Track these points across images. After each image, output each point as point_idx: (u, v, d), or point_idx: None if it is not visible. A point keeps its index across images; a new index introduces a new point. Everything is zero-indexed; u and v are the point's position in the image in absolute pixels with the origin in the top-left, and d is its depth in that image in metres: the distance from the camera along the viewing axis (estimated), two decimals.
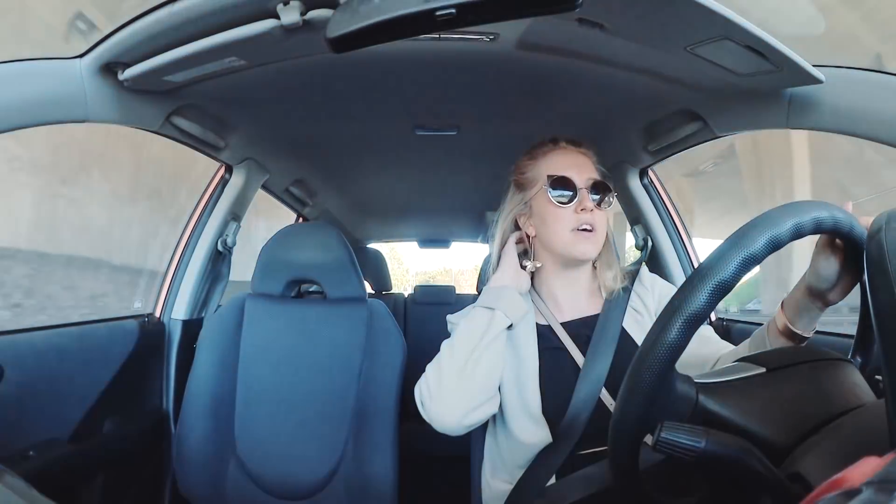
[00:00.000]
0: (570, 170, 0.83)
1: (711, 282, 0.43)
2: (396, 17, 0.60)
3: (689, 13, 0.70)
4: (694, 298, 0.43)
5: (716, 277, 0.43)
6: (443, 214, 2.62)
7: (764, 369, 0.48)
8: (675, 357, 0.44)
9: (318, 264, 1.26)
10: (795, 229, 0.45)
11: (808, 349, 0.53)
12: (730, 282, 0.43)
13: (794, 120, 0.87)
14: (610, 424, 0.48)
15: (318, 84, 1.14)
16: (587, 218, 0.80)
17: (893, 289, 0.37)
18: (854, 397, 0.46)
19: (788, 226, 0.44)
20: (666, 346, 0.43)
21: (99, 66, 0.86)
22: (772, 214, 0.45)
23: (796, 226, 0.45)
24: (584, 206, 0.80)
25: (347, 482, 1.11)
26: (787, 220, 0.45)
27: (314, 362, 1.20)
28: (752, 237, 0.44)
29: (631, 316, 0.84)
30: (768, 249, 0.44)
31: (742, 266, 0.43)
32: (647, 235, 1.46)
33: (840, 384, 0.47)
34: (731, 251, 0.43)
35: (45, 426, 0.97)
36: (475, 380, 0.72)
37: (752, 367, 0.49)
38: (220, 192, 1.42)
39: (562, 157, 0.86)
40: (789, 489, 0.40)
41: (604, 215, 0.83)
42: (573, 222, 0.81)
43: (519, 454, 0.78)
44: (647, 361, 0.44)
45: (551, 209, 0.82)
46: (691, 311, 0.43)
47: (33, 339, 0.98)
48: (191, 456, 1.12)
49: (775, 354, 0.52)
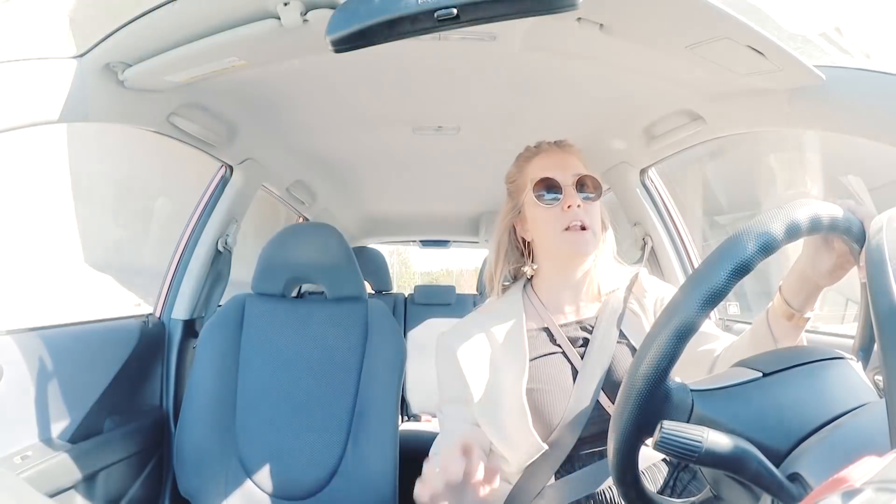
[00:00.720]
0: (554, 170, 0.83)
1: (703, 290, 0.42)
2: (396, 17, 0.60)
3: (688, 12, 0.70)
4: (686, 308, 0.43)
5: (707, 285, 0.42)
6: (442, 215, 2.62)
7: (760, 374, 0.48)
8: (669, 365, 0.43)
9: (318, 264, 1.26)
10: (788, 233, 0.44)
11: (805, 350, 0.53)
12: (723, 289, 0.43)
13: (795, 119, 0.87)
14: (609, 432, 0.48)
15: (318, 84, 1.14)
16: (576, 214, 0.80)
17: (894, 289, 0.37)
18: (853, 398, 0.45)
19: (781, 229, 0.44)
20: (660, 357, 0.43)
21: (99, 66, 0.86)
22: (763, 219, 0.45)
23: (789, 229, 0.44)
24: (571, 203, 0.80)
25: (347, 482, 1.11)
26: (778, 224, 0.44)
27: (314, 362, 1.20)
28: (743, 243, 0.43)
29: (629, 318, 0.83)
30: (762, 255, 0.43)
31: (735, 273, 0.43)
32: (646, 235, 1.46)
33: (838, 385, 0.47)
34: (724, 258, 0.43)
35: (45, 426, 0.97)
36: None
37: (748, 371, 0.49)
38: (220, 192, 1.42)
39: (545, 160, 0.86)
40: (789, 489, 0.40)
41: (595, 210, 0.83)
42: (562, 222, 0.80)
43: (514, 463, 0.78)
44: (641, 370, 0.44)
45: (539, 212, 0.83)
46: (684, 321, 0.42)
47: (33, 339, 0.98)
48: (191, 456, 1.12)
49: (771, 357, 0.51)
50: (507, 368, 0.79)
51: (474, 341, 0.83)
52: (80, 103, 0.86)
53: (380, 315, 1.23)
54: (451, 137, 1.44)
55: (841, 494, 0.25)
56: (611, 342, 0.80)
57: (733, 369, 0.51)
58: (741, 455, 0.41)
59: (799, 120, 0.87)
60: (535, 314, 0.86)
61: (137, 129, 1.07)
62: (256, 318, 1.23)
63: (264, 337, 1.21)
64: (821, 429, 0.43)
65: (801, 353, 0.50)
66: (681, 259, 1.41)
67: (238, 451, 1.14)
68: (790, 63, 0.76)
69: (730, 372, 0.50)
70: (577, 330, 0.84)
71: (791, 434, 0.43)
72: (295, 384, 1.18)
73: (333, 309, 1.25)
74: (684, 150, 1.25)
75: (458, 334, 0.86)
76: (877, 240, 0.40)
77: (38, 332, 1.00)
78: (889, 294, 0.37)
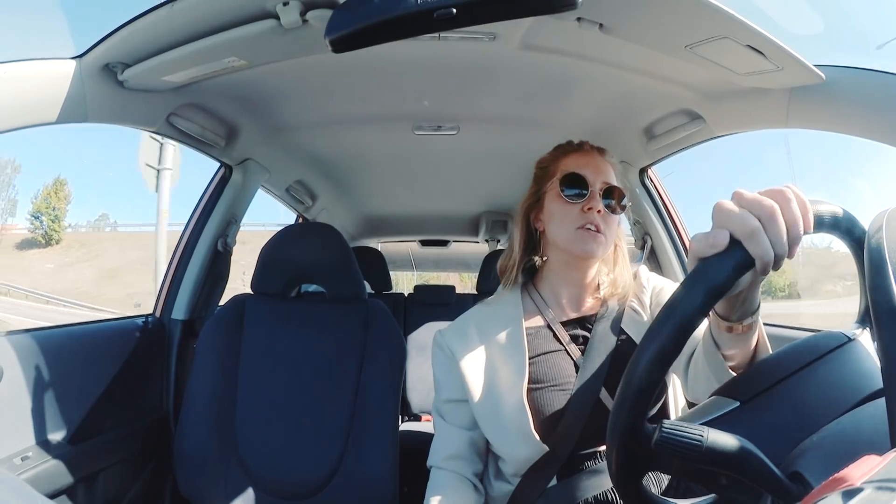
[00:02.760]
0: (587, 169, 0.83)
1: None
2: (395, 16, 0.60)
3: (688, 12, 0.70)
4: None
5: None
6: (442, 215, 2.62)
7: (738, 403, 0.47)
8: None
9: (317, 264, 1.26)
10: (722, 287, 0.43)
11: (780, 364, 0.50)
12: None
13: (795, 119, 0.87)
14: (608, 431, 0.48)
15: (317, 84, 1.14)
16: (594, 218, 0.80)
17: (893, 289, 0.37)
18: (837, 402, 0.45)
19: (714, 285, 0.43)
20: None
21: (98, 67, 0.86)
22: (691, 278, 0.44)
23: (720, 284, 0.43)
24: (592, 206, 0.80)
25: (347, 482, 1.11)
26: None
27: (314, 362, 1.20)
28: (684, 306, 0.42)
29: (629, 315, 0.83)
30: (706, 310, 0.42)
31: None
32: (646, 234, 1.46)
33: (819, 393, 0.46)
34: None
35: (45, 426, 0.97)
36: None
37: (726, 401, 0.48)
38: (219, 192, 1.42)
39: (581, 158, 0.86)
40: (790, 488, 0.40)
41: (613, 222, 0.83)
42: (579, 220, 0.80)
43: (515, 464, 0.78)
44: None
45: (560, 205, 0.82)
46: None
47: (33, 340, 0.98)
48: (191, 456, 1.12)
49: (746, 383, 0.50)
50: (506, 368, 0.79)
51: (472, 340, 0.83)
52: (80, 104, 0.86)
53: (380, 315, 1.23)
54: (451, 137, 1.44)
55: (841, 493, 0.25)
56: (611, 339, 0.80)
57: (711, 401, 0.49)
58: (742, 454, 0.41)
59: (799, 120, 0.87)
60: (535, 312, 0.86)
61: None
62: (256, 318, 1.23)
63: (264, 337, 1.21)
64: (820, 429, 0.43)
65: (776, 370, 0.49)
66: (681, 258, 1.42)
67: (238, 452, 1.14)
68: (790, 63, 0.76)
69: (707, 404, 0.49)
70: (577, 327, 0.84)
71: (778, 457, 0.43)
72: (295, 384, 1.18)
73: (333, 309, 1.25)
74: (684, 150, 1.26)
75: (455, 333, 0.85)
76: (876, 239, 0.40)
77: (39, 333, 1.00)
78: (888, 294, 0.37)
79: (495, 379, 0.79)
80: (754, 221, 0.41)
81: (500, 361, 0.80)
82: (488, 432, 0.79)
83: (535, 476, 0.76)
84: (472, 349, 0.82)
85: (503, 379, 0.79)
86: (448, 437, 0.83)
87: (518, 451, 0.76)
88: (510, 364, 0.79)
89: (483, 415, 0.79)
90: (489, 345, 0.82)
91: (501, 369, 0.80)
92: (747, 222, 0.41)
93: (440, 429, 0.85)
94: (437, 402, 0.86)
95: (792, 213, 0.41)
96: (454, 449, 0.82)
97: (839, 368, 0.48)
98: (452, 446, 0.82)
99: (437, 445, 0.84)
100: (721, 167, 70.28)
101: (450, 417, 0.84)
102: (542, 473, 0.76)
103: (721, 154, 63.32)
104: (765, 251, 0.41)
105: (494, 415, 0.78)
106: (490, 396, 0.79)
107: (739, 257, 0.41)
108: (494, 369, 0.80)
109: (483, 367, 0.81)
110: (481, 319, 0.86)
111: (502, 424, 0.77)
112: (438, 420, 0.86)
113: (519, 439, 0.76)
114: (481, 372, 0.80)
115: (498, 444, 0.79)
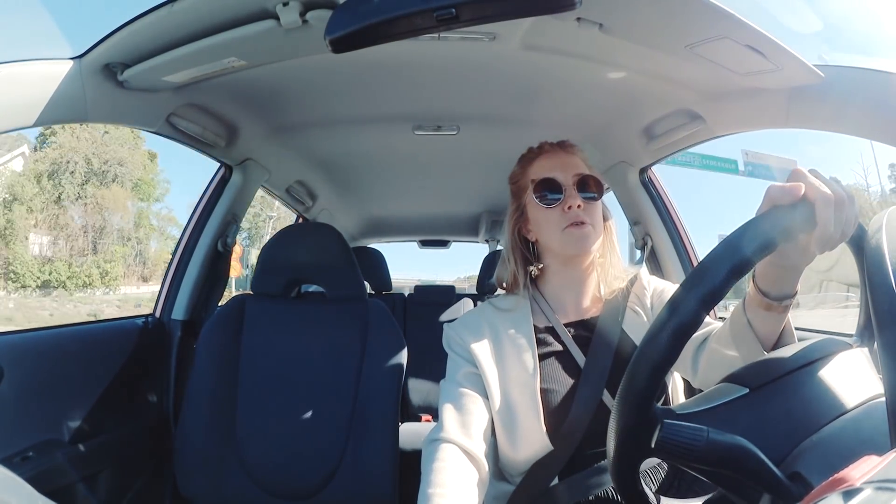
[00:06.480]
0: (555, 171, 0.83)
1: (701, 291, 0.42)
2: (395, 16, 0.60)
3: (688, 12, 0.70)
4: (684, 308, 0.42)
5: (705, 287, 0.42)
6: (442, 215, 2.62)
7: (747, 390, 0.47)
8: (669, 363, 0.43)
9: (317, 264, 1.25)
10: (785, 232, 0.44)
11: (790, 358, 0.51)
12: (720, 290, 0.42)
13: (794, 119, 0.87)
14: (608, 431, 0.48)
15: (317, 84, 1.14)
16: (577, 215, 0.80)
17: (893, 288, 0.37)
18: (844, 400, 0.45)
19: (780, 228, 0.44)
20: (658, 354, 0.43)
21: (98, 67, 0.86)
22: (759, 219, 0.44)
23: (785, 228, 0.44)
24: (571, 204, 0.80)
25: (347, 482, 1.11)
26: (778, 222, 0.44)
27: (314, 362, 1.20)
28: (742, 243, 0.43)
29: (630, 317, 0.84)
30: (760, 254, 0.43)
31: (733, 273, 0.42)
32: (646, 235, 1.46)
33: (826, 389, 0.46)
34: (722, 258, 0.43)
35: (45, 426, 0.97)
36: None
37: (735, 388, 0.48)
38: (219, 192, 1.42)
39: (546, 160, 0.86)
40: (789, 488, 0.40)
41: (597, 209, 0.83)
42: (563, 220, 0.81)
43: (520, 463, 0.78)
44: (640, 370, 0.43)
45: (541, 212, 0.83)
46: (682, 320, 0.42)
47: (33, 340, 0.98)
48: (191, 456, 1.12)
49: (757, 370, 0.50)
50: (516, 366, 0.80)
51: (483, 334, 0.83)
52: (80, 104, 0.86)
53: (380, 315, 1.23)
54: (451, 137, 1.44)
55: (841, 493, 0.25)
56: (613, 341, 0.80)
57: (720, 386, 0.50)
58: (741, 453, 0.41)
59: (798, 119, 0.87)
60: (539, 313, 0.86)
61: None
62: (256, 318, 1.23)
63: (264, 337, 1.21)
64: (821, 429, 0.43)
65: (787, 361, 0.49)
66: (681, 258, 1.41)
67: (238, 451, 1.14)
68: (790, 63, 0.76)
69: (717, 390, 0.49)
70: (580, 329, 0.84)
71: (783, 448, 0.43)
72: (295, 384, 1.18)
73: (333, 309, 1.25)
74: (684, 150, 1.26)
75: (466, 327, 0.85)
76: (876, 239, 0.40)
77: (39, 333, 1.01)
78: (888, 293, 0.37)
79: (506, 376, 0.80)
80: (830, 193, 0.44)
81: (509, 360, 0.81)
82: (500, 426, 0.78)
83: (537, 475, 0.77)
84: (483, 342, 0.82)
85: (515, 377, 0.79)
86: (466, 405, 0.77)
87: (525, 448, 0.76)
88: (520, 363, 0.80)
89: (497, 407, 0.78)
90: (501, 343, 0.82)
91: (511, 368, 0.80)
92: (826, 190, 0.44)
93: (454, 398, 0.78)
94: (452, 377, 0.81)
95: (854, 210, 0.45)
96: (470, 416, 0.76)
97: (846, 370, 0.48)
98: (469, 414, 0.76)
99: (448, 416, 0.77)
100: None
101: (470, 386, 0.79)
102: (544, 472, 0.76)
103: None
104: (829, 220, 0.43)
105: (507, 409, 0.78)
106: (503, 393, 0.79)
107: (807, 213, 0.44)
108: (505, 367, 0.80)
109: (494, 363, 0.81)
110: (491, 316, 0.86)
111: (514, 420, 0.77)
112: (454, 391, 0.79)
113: (529, 436, 0.76)
114: (494, 367, 0.80)
115: (506, 438, 0.78)
